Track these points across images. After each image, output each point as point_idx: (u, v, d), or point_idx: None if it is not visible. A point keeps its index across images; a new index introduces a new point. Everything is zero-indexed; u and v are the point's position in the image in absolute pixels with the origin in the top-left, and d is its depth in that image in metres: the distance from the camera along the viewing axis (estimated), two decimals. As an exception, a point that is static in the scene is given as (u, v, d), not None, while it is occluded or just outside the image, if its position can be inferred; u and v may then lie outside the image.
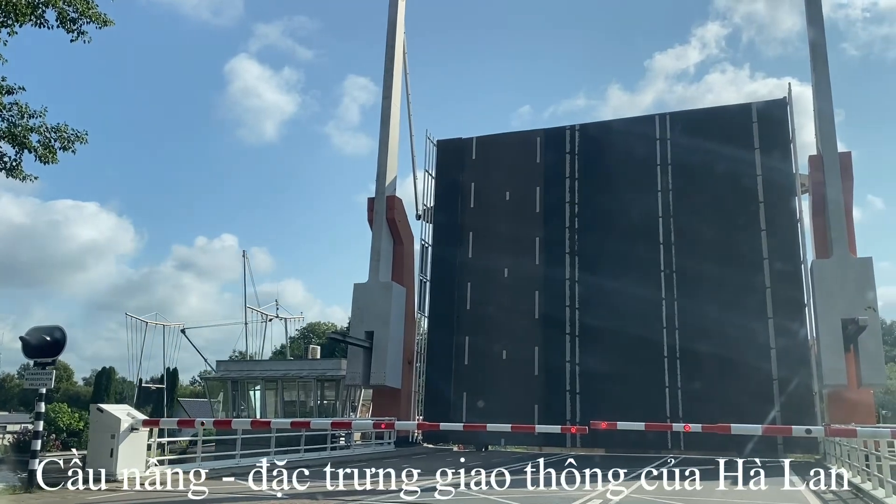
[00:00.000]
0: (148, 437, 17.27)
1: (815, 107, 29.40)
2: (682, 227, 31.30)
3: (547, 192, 34.17)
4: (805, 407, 27.44)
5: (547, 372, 31.76)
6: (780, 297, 29.15)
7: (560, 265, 32.77)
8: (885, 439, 13.23)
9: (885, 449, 13.45)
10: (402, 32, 36.72)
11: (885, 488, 13.39)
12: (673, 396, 29.56)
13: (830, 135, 28.26)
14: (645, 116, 35.38)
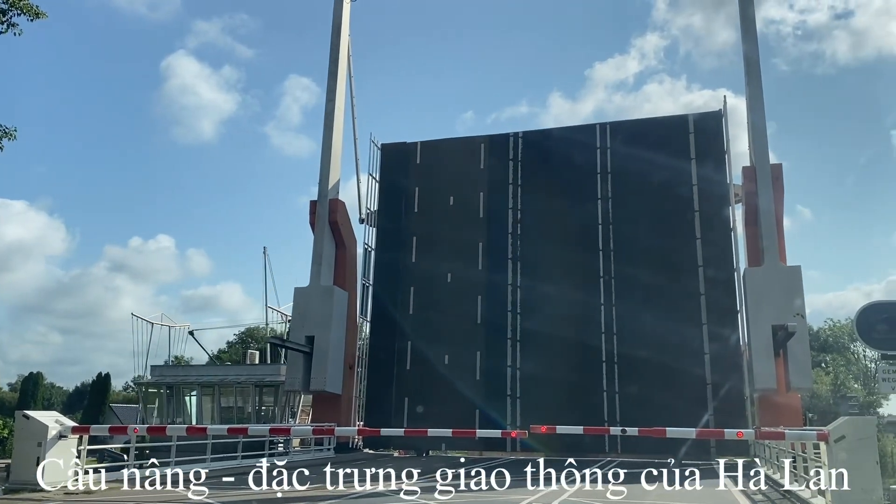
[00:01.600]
0: (77, 445, 16.68)
1: (748, 119, 30.41)
2: (621, 235, 31.92)
3: (490, 197, 34.41)
4: (737, 410, 28.25)
5: (488, 377, 31.91)
6: (714, 303, 29.98)
7: (502, 270, 33.02)
8: (810, 441, 13.69)
9: (811, 451, 13.95)
10: (346, 34, 36.50)
11: (811, 488, 13.89)
12: (611, 400, 30.07)
13: (763, 147, 29.25)
14: (586, 125, 35.98)
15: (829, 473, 11.90)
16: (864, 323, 10.35)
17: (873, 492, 11.31)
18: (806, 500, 13.69)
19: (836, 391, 48.74)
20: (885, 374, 9.90)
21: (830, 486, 11.75)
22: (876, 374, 12.08)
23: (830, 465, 11.77)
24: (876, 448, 11.83)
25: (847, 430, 11.64)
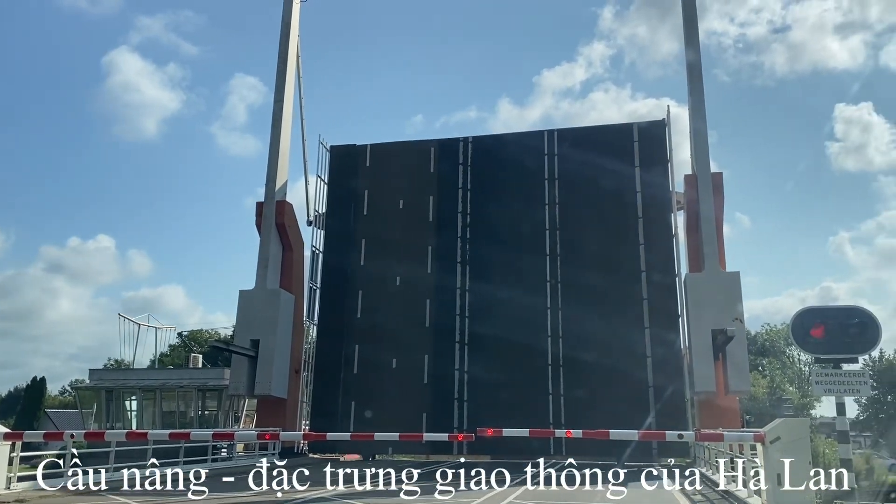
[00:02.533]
0: (10, 452, 16.09)
1: (690, 128, 31.20)
2: (568, 240, 32.37)
3: (440, 201, 34.50)
4: (678, 413, 28.91)
5: (436, 380, 31.96)
6: (657, 308, 30.65)
7: (451, 274, 33.13)
8: (748, 443, 14.10)
9: (749, 452, 14.37)
10: (296, 35, 36.17)
11: (748, 488, 14.32)
12: (556, 403, 30.44)
13: (704, 155, 30.04)
14: (534, 132, 36.48)
15: (764, 473, 12.29)
16: (799, 327, 10.71)
17: (806, 491, 11.71)
18: (743, 500, 14.10)
19: (773, 394, 50.31)
20: (819, 377, 10.27)
21: (766, 486, 12.13)
22: (810, 378, 12.54)
23: (766, 466, 12.15)
24: (809, 449, 12.25)
25: (782, 432, 12.02)
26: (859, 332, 10.20)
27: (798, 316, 10.77)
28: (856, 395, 10.41)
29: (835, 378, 10.39)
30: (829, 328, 10.41)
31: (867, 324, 10.35)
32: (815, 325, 10.58)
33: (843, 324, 10.54)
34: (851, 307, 10.96)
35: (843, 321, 10.60)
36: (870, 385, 10.74)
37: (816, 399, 50.57)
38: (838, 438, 10.60)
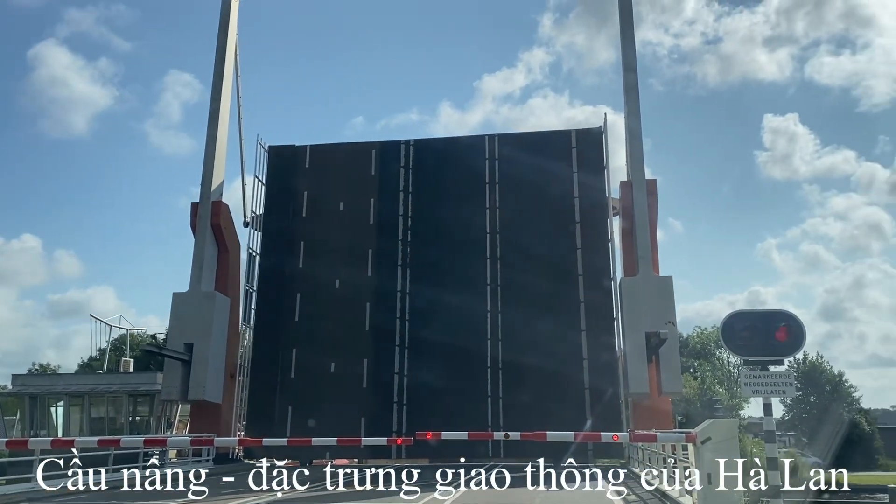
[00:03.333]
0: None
1: (626, 136, 31.91)
2: (509, 243, 32.66)
3: (381, 204, 34.34)
4: (613, 415, 29.45)
5: (375, 384, 31.77)
6: (593, 311, 31.19)
7: (392, 277, 33.01)
8: (680, 443, 14.46)
9: (681, 452, 14.74)
10: (234, 32, 35.51)
11: (680, 489, 14.68)
12: (495, 406, 30.63)
13: (639, 162, 30.76)
14: (476, 136, 36.68)
15: (696, 473, 12.62)
16: (729, 330, 11.05)
17: (735, 490, 12.08)
18: (675, 500, 14.45)
19: (703, 395, 51.78)
20: (747, 378, 10.61)
21: (697, 486, 12.46)
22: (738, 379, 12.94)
23: (697, 466, 12.48)
24: (738, 448, 12.63)
25: (712, 432, 12.35)
26: (785, 334, 10.57)
27: (728, 319, 11.10)
28: (782, 396, 10.79)
29: (762, 380, 10.74)
30: (757, 331, 10.74)
31: (793, 327, 10.73)
32: (743, 328, 10.90)
33: (770, 327, 10.88)
34: (778, 311, 11.35)
35: (770, 324, 10.94)
36: (795, 386, 11.15)
37: (745, 400, 52.30)
38: (765, 438, 10.99)
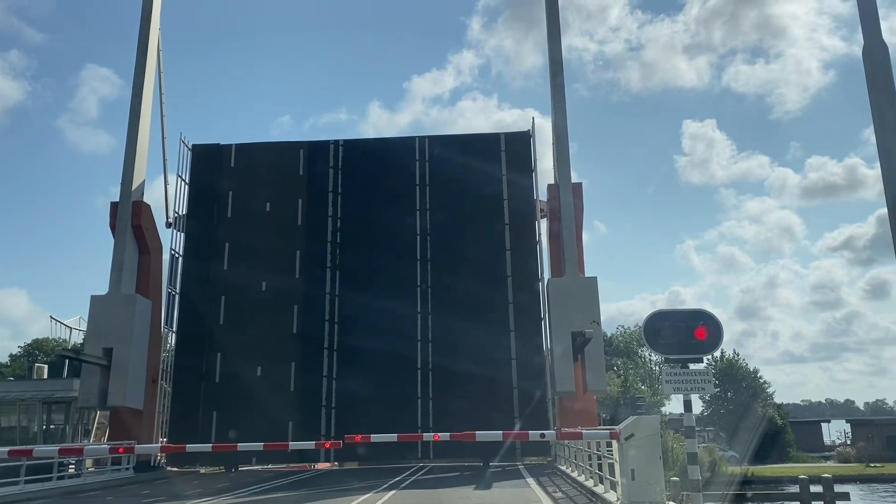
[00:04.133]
0: None
1: (553, 140, 32.48)
2: (439, 245, 32.77)
3: (309, 205, 33.92)
4: (541, 414, 29.93)
5: (303, 388, 31.35)
6: (521, 312, 31.64)
7: (320, 280, 32.64)
8: (604, 440, 14.80)
9: (605, 449, 15.08)
10: (157, 27, 34.43)
11: (605, 484, 15.03)
12: (425, 408, 30.67)
13: (566, 166, 31.34)
14: (406, 137, 36.75)
15: (619, 469, 12.95)
16: (651, 330, 11.37)
17: (657, 484, 12.44)
18: (600, 496, 14.79)
19: (626, 392, 53.06)
20: (668, 376, 10.95)
21: (621, 481, 12.78)
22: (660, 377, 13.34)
23: (621, 461, 12.80)
24: (660, 444, 13.00)
25: (636, 429, 12.69)
26: (704, 333, 10.95)
27: (649, 319, 11.42)
28: (701, 392, 11.17)
29: (682, 377, 11.09)
30: (678, 330, 11.08)
31: (710, 326, 11.12)
32: (664, 327, 11.22)
33: (690, 326, 11.23)
34: (697, 310, 11.72)
35: (690, 323, 11.29)
36: (713, 383, 11.56)
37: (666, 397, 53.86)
38: (685, 434, 11.36)
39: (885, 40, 6.42)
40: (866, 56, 6.42)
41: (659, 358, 14.06)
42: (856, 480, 40.70)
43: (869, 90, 6.36)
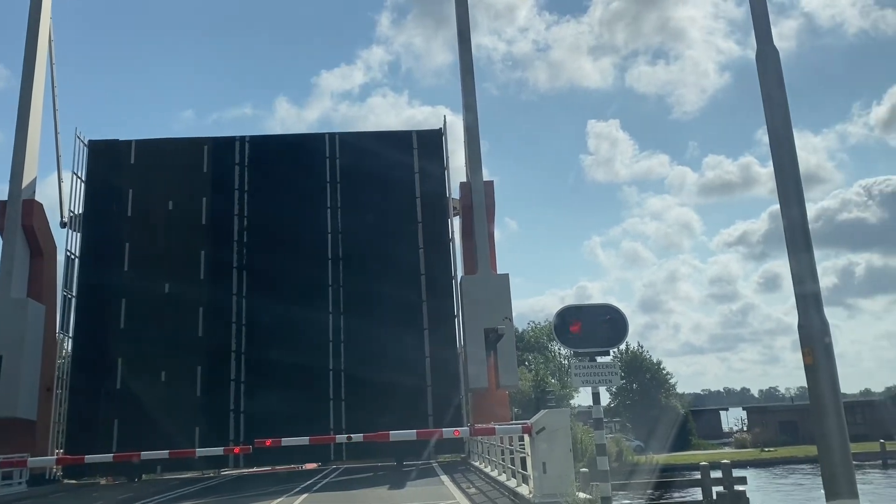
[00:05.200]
0: None
1: (465, 138, 32.72)
2: (350, 244, 32.39)
3: (214, 204, 32.89)
4: (454, 410, 30.06)
5: (210, 393, 30.40)
6: (434, 310, 31.69)
7: (227, 281, 31.70)
8: (517, 434, 14.97)
9: (518, 443, 15.27)
10: (48, 17, 32.64)
11: (517, 478, 15.21)
12: (337, 409, 30.29)
13: (477, 164, 31.64)
14: (315, 134, 36.13)
15: (532, 462, 13.12)
16: (560, 324, 11.58)
17: (568, 476, 12.68)
18: (512, 489, 14.96)
19: (538, 386, 54.13)
20: (577, 369, 11.18)
21: (533, 474, 12.95)
22: (569, 370, 13.62)
23: (533, 455, 12.97)
24: (570, 436, 13.27)
25: (546, 422, 12.88)
26: (610, 327, 11.23)
27: (559, 314, 11.63)
28: (608, 385, 11.46)
29: (590, 370, 11.33)
30: (586, 325, 11.32)
31: (617, 319, 11.42)
32: (573, 321, 11.44)
33: (597, 320, 11.49)
34: (603, 305, 12.01)
35: (597, 317, 11.55)
36: (619, 375, 11.88)
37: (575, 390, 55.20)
38: (594, 425, 11.64)
39: (777, 45, 6.72)
40: (759, 59, 6.70)
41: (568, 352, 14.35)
42: (752, 465, 42.92)
43: (762, 92, 6.63)
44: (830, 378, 5.74)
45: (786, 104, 6.51)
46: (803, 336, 5.90)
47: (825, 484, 5.65)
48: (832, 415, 5.65)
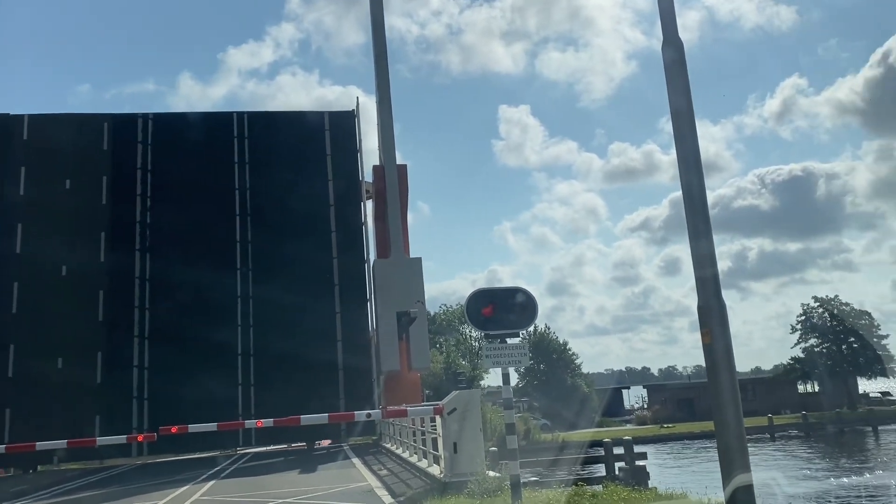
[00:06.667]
0: None
1: (378, 121, 32.46)
2: (260, 225, 31.71)
3: (115, 182, 31.50)
4: (366, 393, 30.08)
5: (111, 379, 29.26)
6: (347, 293, 31.52)
7: (129, 262, 30.48)
8: (428, 416, 15.15)
9: (429, 424, 15.46)
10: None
11: (428, 458, 15.41)
12: (246, 394, 29.77)
13: (391, 147, 31.50)
14: (223, 112, 35.06)
15: (442, 443, 13.31)
16: (472, 307, 11.73)
17: (478, 455, 12.95)
18: (424, 470, 15.16)
19: (449, 368, 54.70)
20: (488, 351, 11.37)
21: (444, 455, 13.15)
22: (480, 352, 13.84)
23: (444, 436, 13.17)
24: (480, 416, 13.53)
25: (457, 403, 13.10)
26: (521, 309, 11.45)
27: (471, 297, 11.76)
28: (518, 365, 11.72)
29: (501, 351, 11.53)
30: (497, 307, 11.50)
31: (527, 302, 11.64)
32: (484, 304, 11.59)
33: (508, 303, 11.68)
34: (514, 288, 12.20)
35: (508, 300, 11.74)
36: (528, 356, 12.17)
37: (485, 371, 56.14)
38: (504, 405, 11.89)
39: (681, 36, 6.98)
40: (664, 50, 6.93)
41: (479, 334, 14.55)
42: (652, 441, 44.90)
43: (667, 81, 6.87)
44: (727, 357, 6.07)
45: (688, 94, 6.76)
46: (702, 317, 6.20)
47: (721, 458, 5.94)
48: (728, 392, 5.98)
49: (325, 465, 19.95)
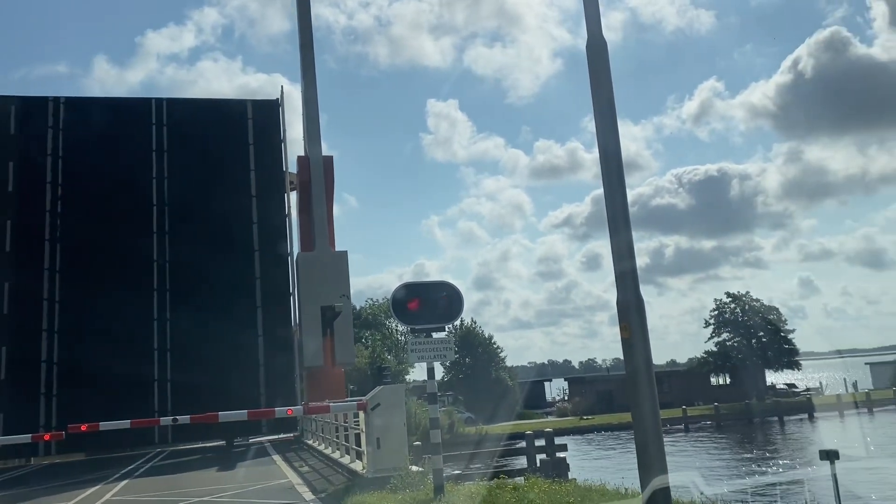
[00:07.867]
0: None
1: (303, 111, 31.96)
2: (178, 218, 30.69)
3: (23, 169, 29.96)
4: (288, 389, 29.61)
5: (16, 375, 27.89)
6: (269, 287, 30.88)
7: (37, 255, 29.04)
8: (352, 411, 15.00)
9: (352, 420, 15.31)
10: None
11: (351, 454, 15.27)
12: (163, 390, 28.85)
13: (316, 138, 31.04)
14: (141, 98, 33.90)
15: (366, 438, 13.20)
16: (398, 301, 11.66)
17: (401, 450, 12.89)
18: (346, 466, 15.01)
19: (374, 363, 54.43)
20: (413, 345, 11.34)
21: (367, 450, 13.04)
22: (406, 346, 13.80)
23: (368, 431, 13.06)
24: (404, 411, 13.49)
25: (382, 398, 13.01)
26: (447, 304, 11.45)
27: (396, 291, 11.69)
28: (443, 359, 11.70)
29: (426, 346, 11.51)
30: (423, 302, 11.47)
31: (453, 296, 11.65)
32: (411, 298, 11.55)
33: (434, 297, 11.67)
34: (440, 282, 12.20)
35: (434, 295, 11.73)
36: (454, 350, 12.20)
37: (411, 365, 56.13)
38: (428, 400, 11.86)
39: (605, 36, 7.07)
40: (588, 49, 7.00)
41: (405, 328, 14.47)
42: (572, 432, 45.86)
43: (590, 80, 6.94)
44: (644, 351, 6.19)
45: (611, 93, 6.85)
46: (621, 311, 6.30)
47: (638, 455, 6.01)
48: (645, 385, 6.10)
49: (245, 462, 19.53)
